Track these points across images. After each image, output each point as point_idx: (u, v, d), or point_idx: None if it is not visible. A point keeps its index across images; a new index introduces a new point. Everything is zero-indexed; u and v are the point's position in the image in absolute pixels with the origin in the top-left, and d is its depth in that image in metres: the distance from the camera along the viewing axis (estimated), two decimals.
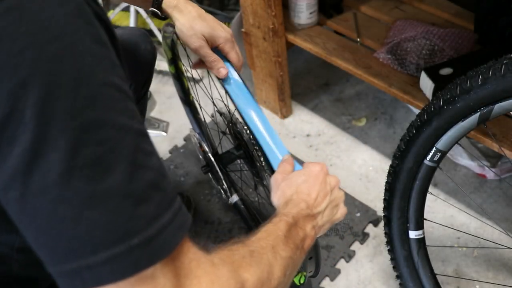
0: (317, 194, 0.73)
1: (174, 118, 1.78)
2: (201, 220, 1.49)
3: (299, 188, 0.73)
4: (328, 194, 0.75)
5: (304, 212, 0.70)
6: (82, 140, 0.42)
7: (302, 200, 0.71)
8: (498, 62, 0.85)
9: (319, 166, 0.77)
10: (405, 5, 1.52)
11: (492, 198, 1.45)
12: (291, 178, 0.76)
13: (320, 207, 0.73)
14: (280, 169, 0.80)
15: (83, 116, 0.42)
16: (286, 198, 0.72)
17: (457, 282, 1.30)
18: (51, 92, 0.41)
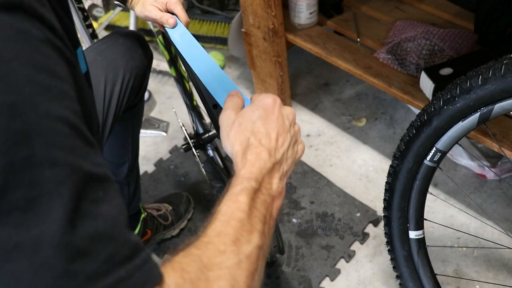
0: (277, 132, 0.63)
1: (174, 118, 1.78)
2: (201, 219, 1.49)
3: (254, 126, 0.62)
4: (288, 130, 0.65)
5: (268, 163, 0.60)
6: (12, 181, 0.37)
7: (261, 145, 0.61)
8: (498, 62, 0.85)
9: (271, 98, 0.66)
10: (405, 5, 1.52)
11: (492, 198, 1.45)
12: (243, 115, 0.64)
13: (283, 147, 0.64)
14: (228, 104, 0.67)
15: (14, 153, 0.37)
16: (242, 144, 0.62)
17: (457, 282, 1.30)
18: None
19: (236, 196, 0.55)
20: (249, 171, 0.59)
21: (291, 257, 1.38)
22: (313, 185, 1.54)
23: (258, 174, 0.59)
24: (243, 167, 0.59)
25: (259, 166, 0.59)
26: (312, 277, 1.34)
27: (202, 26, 1.99)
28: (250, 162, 0.59)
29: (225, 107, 0.67)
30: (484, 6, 1.28)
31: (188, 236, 1.45)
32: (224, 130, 0.64)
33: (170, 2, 0.98)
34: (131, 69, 1.08)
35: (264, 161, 0.60)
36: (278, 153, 0.62)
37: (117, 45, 1.09)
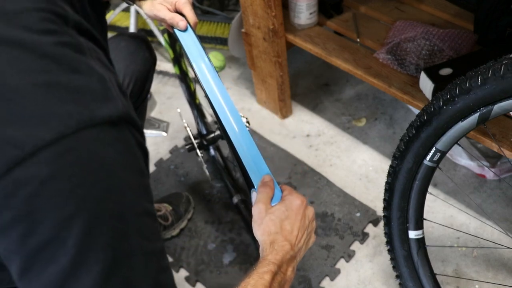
0: (298, 230, 0.79)
1: (174, 118, 1.78)
2: (201, 219, 1.49)
3: (282, 225, 0.78)
4: (307, 228, 0.82)
5: (288, 255, 0.76)
6: (114, 269, 0.46)
7: (286, 240, 0.77)
8: (498, 63, 0.85)
9: (299, 201, 0.81)
10: (405, 6, 1.52)
11: (492, 198, 1.45)
12: (274, 212, 0.79)
13: (300, 243, 0.80)
14: (261, 197, 0.82)
15: (118, 248, 0.46)
16: (271, 237, 0.77)
17: (457, 282, 1.30)
18: (93, 227, 0.45)
19: (262, 274, 0.70)
20: (274, 258, 0.74)
21: None
22: (313, 185, 1.54)
23: (280, 261, 0.74)
24: (270, 254, 0.74)
25: (282, 255, 0.75)
26: (312, 277, 1.34)
27: (202, 26, 1.99)
28: (276, 251, 0.75)
29: (258, 198, 0.82)
30: (483, 6, 1.28)
31: (188, 236, 1.45)
32: (256, 220, 0.80)
33: (179, 2, 0.98)
34: (131, 73, 1.08)
35: (286, 252, 0.75)
36: (297, 247, 0.79)
37: (118, 48, 1.09)
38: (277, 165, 1.60)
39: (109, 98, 0.47)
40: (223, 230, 1.46)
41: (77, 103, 0.44)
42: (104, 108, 0.46)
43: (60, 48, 0.46)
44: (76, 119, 0.44)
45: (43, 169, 0.43)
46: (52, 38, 0.46)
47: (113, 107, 0.47)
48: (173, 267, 1.40)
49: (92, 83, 0.47)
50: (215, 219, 1.49)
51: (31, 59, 0.44)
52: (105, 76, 0.49)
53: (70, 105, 0.44)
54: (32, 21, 0.46)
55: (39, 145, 0.42)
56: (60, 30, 0.47)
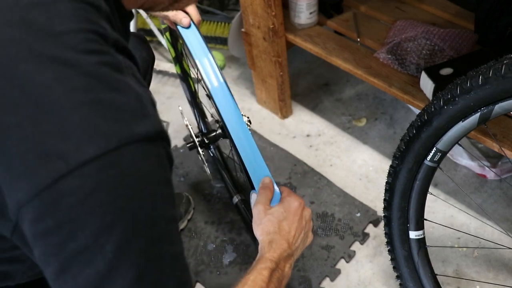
0: (295, 230, 0.84)
1: (174, 118, 1.78)
2: (201, 220, 1.49)
3: (280, 225, 0.83)
4: (304, 228, 0.87)
5: (285, 253, 0.81)
6: (147, 271, 0.50)
7: (283, 239, 0.82)
8: (499, 62, 0.85)
9: (297, 202, 0.87)
10: (405, 5, 1.51)
11: (493, 198, 1.45)
12: (273, 214, 0.85)
13: (297, 242, 0.85)
14: (261, 198, 0.87)
15: (151, 252, 0.50)
16: (269, 236, 0.82)
17: (458, 282, 1.30)
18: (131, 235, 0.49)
19: (261, 270, 0.75)
20: (272, 255, 0.79)
21: None
22: (313, 185, 1.54)
23: (278, 259, 0.79)
24: (268, 251, 0.79)
25: (280, 253, 0.79)
26: (312, 277, 1.34)
27: (202, 26, 1.99)
28: (274, 249, 0.80)
29: (258, 199, 0.87)
30: (484, 6, 1.27)
31: (188, 236, 1.45)
32: (256, 221, 0.85)
33: None
34: None
35: (284, 250, 0.80)
36: (294, 246, 0.83)
37: None
38: (277, 165, 1.60)
39: (146, 115, 0.50)
40: (223, 231, 1.46)
41: (118, 120, 0.48)
42: (142, 126, 0.49)
43: (101, 67, 0.49)
44: (118, 136, 0.47)
45: (87, 181, 0.46)
46: (94, 58, 0.49)
47: (149, 124, 0.50)
48: None
49: (131, 101, 0.49)
50: (215, 220, 1.49)
51: (76, 77, 0.47)
52: (141, 93, 0.52)
53: (112, 122, 0.47)
54: (77, 42, 0.48)
55: (84, 159, 0.45)
56: (101, 49, 0.50)
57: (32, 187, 0.45)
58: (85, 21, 0.50)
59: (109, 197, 0.47)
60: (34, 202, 0.46)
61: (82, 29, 0.49)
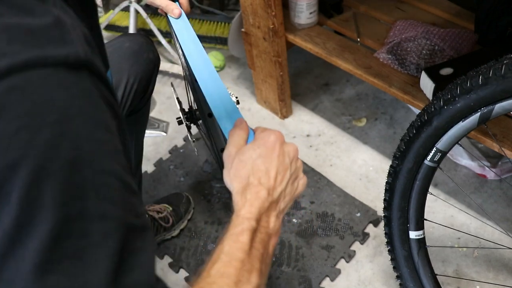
0: (276, 170, 0.65)
1: (174, 118, 1.78)
2: (201, 220, 1.49)
3: (254, 164, 0.65)
4: (288, 168, 0.67)
5: (266, 203, 0.63)
6: (65, 231, 0.39)
7: (260, 183, 0.64)
8: (499, 62, 0.85)
9: (274, 135, 0.68)
10: (405, 5, 1.51)
11: (493, 198, 1.45)
12: (244, 152, 0.67)
13: (281, 186, 0.66)
14: (232, 140, 0.70)
15: (71, 206, 0.40)
16: (242, 181, 0.65)
17: (458, 282, 1.30)
18: (41, 178, 0.39)
19: (237, 236, 0.59)
20: (249, 211, 0.61)
21: (291, 257, 1.38)
22: (313, 185, 1.54)
23: (257, 214, 0.61)
24: (243, 207, 0.62)
25: (258, 206, 0.62)
26: (312, 277, 1.34)
27: (202, 26, 1.99)
28: (250, 201, 0.62)
29: (229, 141, 0.70)
30: (484, 6, 1.27)
31: (188, 236, 1.45)
32: (225, 166, 0.67)
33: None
34: (135, 73, 1.09)
35: (262, 201, 0.62)
36: (276, 192, 0.65)
37: (123, 49, 1.09)
38: None
39: (67, 41, 0.43)
40: (223, 231, 1.45)
41: (27, 43, 0.41)
42: (58, 49, 0.42)
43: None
44: (24, 56, 0.40)
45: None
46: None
47: (70, 49, 0.42)
48: (173, 268, 1.40)
49: (47, 24, 0.42)
50: (215, 219, 1.49)
51: None
52: (66, 21, 0.44)
53: (18, 44, 0.40)
54: None
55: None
56: None
57: None
58: None
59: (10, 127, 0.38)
60: None
61: None
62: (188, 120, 1.19)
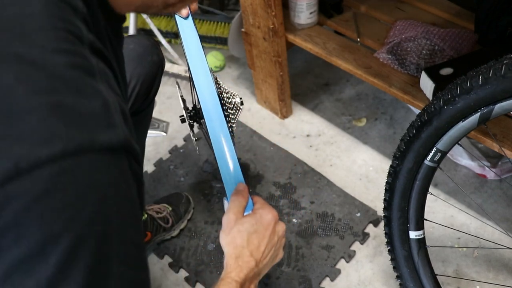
0: (265, 246, 0.80)
1: (174, 118, 1.78)
2: (201, 220, 1.49)
3: (250, 238, 0.79)
4: (275, 245, 0.82)
5: (252, 272, 0.77)
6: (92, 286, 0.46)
7: (251, 255, 0.78)
8: (499, 62, 0.85)
9: (271, 215, 0.82)
10: (405, 5, 1.51)
11: (493, 198, 1.45)
12: (243, 224, 0.80)
13: (266, 259, 0.80)
14: (233, 206, 0.82)
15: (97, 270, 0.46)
16: (237, 250, 0.78)
17: (458, 282, 1.30)
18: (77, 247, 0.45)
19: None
20: (238, 275, 0.75)
21: (291, 257, 1.38)
22: (313, 185, 1.54)
23: (244, 279, 0.75)
24: (234, 270, 0.76)
25: (246, 273, 0.76)
26: (312, 277, 1.34)
27: (202, 26, 1.99)
28: (240, 267, 0.76)
29: (230, 207, 0.82)
30: (484, 6, 1.27)
31: (188, 236, 1.45)
32: (224, 230, 0.80)
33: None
34: (138, 75, 1.09)
35: (251, 269, 0.77)
36: (261, 264, 0.79)
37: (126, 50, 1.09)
38: (277, 165, 1.60)
39: (112, 125, 0.47)
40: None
41: (79, 126, 0.45)
42: (105, 135, 0.46)
43: (69, 69, 0.46)
44: (76, 141, 0.44)
45: (36, 186, 0.43)
46: (63, 58, 0.46)
47: (114, 134, 0.47)
48: (173, 268, 1.40)
49: (97, 107, 0.47)
50: (215, 219, 1.48)
51: (40, 78, 0.45)
52: (110, 102, 0.49)
53: (73, 128, 0.44)
54: (48, 40, 0.46)
55: (36, 163, 0.43)
56: (73, 49, 0.48)
57: None
58: (58, 19, 0.48)
59: (59, 204, 0.44)
60: None
61: (54, 27, 0.47)
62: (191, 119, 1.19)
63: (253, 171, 1.59)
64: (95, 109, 0.47)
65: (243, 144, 1.67)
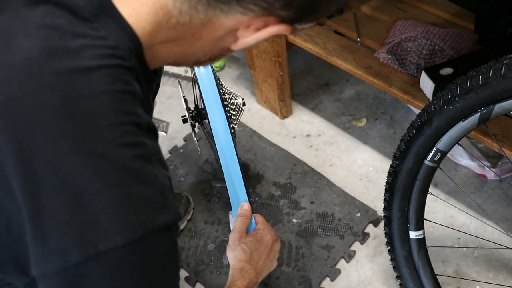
0: (263, 262, 0.98)
1: (174, 118, 1.78)
2: (201, 220, 1.49)
3: (252, 255, 0.96)
4: (271, 259, 1.00)
5: (253, 282, 0.93)
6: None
7: (253, 268, 0.95)
8: (499, 62, 0.85)
9: (270, 236, 1.00)
10: (405, 5, 1.51)
11: (493, 198, 1.45)
12: (247, 243, 0.98)
13: (264, 271, 0.98)
14: (238, 226, 1.00)
15: None
16: (241, 264, 0.94)
17: (458, 282, 1.30)
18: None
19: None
20: (242, 284, 0.91)
21: (291, 257, 1.38)
22: (313, 185, 1.54)
23: (246, 287, 0.91)
24: (239, 280, 0.92)
25: (248, 282, 0.92)
26: (312, 277, 1.34)
27: None
28: (244, 277, 0.92)
29: (235, 226, 1.01)
30: (484, 6, 1.27)
31: (188, 236, 1.45)
32: (231, 246, 0.98)
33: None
34: None
35: (251, 279, 0.93)
36: (260, 275, 0.96)
37: None
38: (277, 165, 1.60)
39: (167, 206, 0.56)
40: (223, 231, 1.46)
41: (144, 213, 0.54)
42: (163, 216, 0.55)
43: (135, 161, 0.53)
44: (143, 227, 0.53)
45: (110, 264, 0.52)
46: (130, 152, 0.53)
47: (168, 215, 0.56)
48: None
49: (156, 193, 0.55)
50: (215, 219, 1.48)
51: (113, 172, 0.52)
52: (164, 184, 0.57)
53: (139, 214, 0.53)
54: (116, 135, 0.52)
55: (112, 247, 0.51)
56: (137, 141, 0.54)
57: (62, 262, 0.51)
58: (123, 113, 0.54)
59: (128, 280, 0.53)
60: (60, 274, 0.51)
61: (121, 122, 0.53)
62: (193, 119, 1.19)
63: (253, 171, 1.59)
64: (155, 195, 0.55)
65: (243, 144, 1.67)
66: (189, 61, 0.66)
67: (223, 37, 0.61)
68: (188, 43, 0.61)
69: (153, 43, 0.58)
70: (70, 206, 0.51)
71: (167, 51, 0.61)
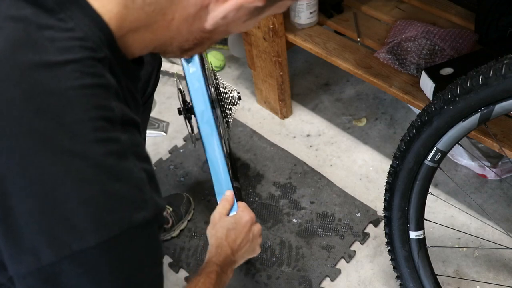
0: (241, 241, 0.99)
1: (174, 118, 1.78)
2: (201, 220, 1.48)
3: (228, 233, 0.99)
4: (249, 241, 1.01)
5: (229, 258, 0.96)
6: None
7: (229, 245, 0.97)
8: (499, 62, 0.85)
9: (248, 217, 1.02)
10: (406, 5, 1.51)
11: (493, 199, 1.45)
12: (225, 221, 1.01)
13: (241, 251, 1.00)
14: (219, 208, 1.04)
15: None
16: (218, 241, 0.98)
17: (458, 282, 1.30)
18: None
19: (209, 273, 0.90)
20: (218, 259, 0.94)
21: (291, 257, 1.38)
22: (313, 185, 1.54)
23: (222, 263, 0.94)
24: (215, 256, 0.95)
25: (224, 258, 0.95)
26: (312, 277, 1.34)
27: None
28: (219, 254, 0.96)
29: (217, 208, 1.05)
30: (484, 6, 1.27)
31: (188, 236, 1.45)
32: (210, 225, 1.03)
33: None
34: None
35: (227, 256, 0.96)
36: (237, 254, 0.99)
37: None
38: (277, 165, 1.60)
39: (144, 202, 0.54)
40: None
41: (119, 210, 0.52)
42: (140, 213, 0.53)
43: (107, 158, 0.51)
44: (118, 225, 0.51)
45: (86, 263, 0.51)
46: (102, 148, 0.51)
47: (146, 211, 0.54)
48: (173, 268, 1.40)
49: (131, 190, 0.53)
50: None
51: (84, 169, 0.50)
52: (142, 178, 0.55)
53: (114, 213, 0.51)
54: (86, 132, 0.50)
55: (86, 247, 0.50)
56: (108, 137, 0.52)
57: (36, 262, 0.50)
58: (93, 108, 0.51)
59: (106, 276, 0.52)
60: (34, 274, 0.50)
61: (91, 118, 0.51)
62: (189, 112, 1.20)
63: (253, 171, 1.59)
64: (131, 191, 0.53)
65: (243, 144, 1.67)
66: (173, 48, 0.63)
67: (198, 15, 0.58)
68: (163, 27, 0.58)
69: (124, 30, 0.56)
70: (42, 207, 0.49)
71: (141, 39, 0.58)
